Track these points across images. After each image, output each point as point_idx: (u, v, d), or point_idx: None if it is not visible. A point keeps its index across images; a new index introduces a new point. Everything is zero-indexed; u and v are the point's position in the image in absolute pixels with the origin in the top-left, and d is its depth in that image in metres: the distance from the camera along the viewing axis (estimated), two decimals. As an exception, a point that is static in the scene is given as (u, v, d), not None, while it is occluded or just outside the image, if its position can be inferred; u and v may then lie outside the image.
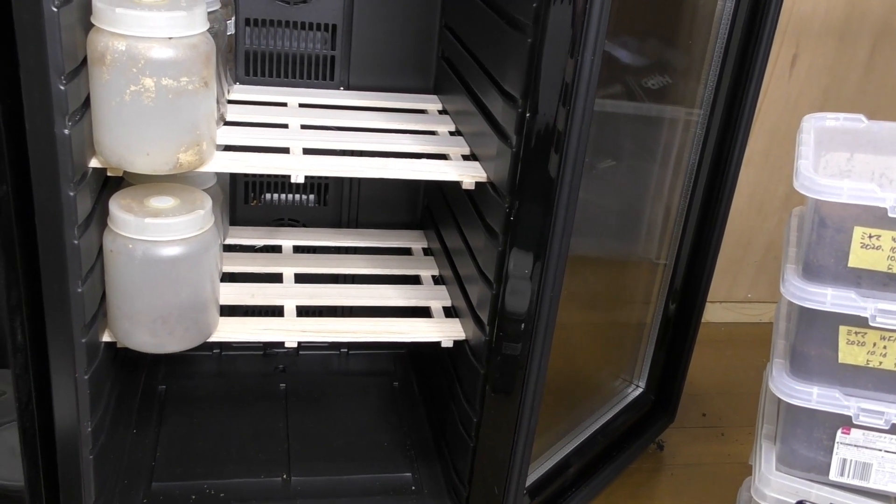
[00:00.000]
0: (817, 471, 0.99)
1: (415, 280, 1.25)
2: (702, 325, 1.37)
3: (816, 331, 0.92)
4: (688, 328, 1.36)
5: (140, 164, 0.88)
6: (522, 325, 0.97)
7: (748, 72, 1.19)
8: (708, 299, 1.35)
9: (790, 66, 1.62)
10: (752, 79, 1.19)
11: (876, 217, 0.85)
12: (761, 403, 1.12)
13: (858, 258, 0.86)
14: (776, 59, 1.60)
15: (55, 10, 0.77)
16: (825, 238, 0.88)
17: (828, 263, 0.88)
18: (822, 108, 1.65)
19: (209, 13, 0.93)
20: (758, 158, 1.68)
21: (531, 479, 1.14)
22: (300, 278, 1.21)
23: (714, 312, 1.80)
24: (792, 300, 0.90)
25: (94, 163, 0.91)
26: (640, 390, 1.43)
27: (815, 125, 0.98)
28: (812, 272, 0.90)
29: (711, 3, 1.20)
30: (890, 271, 0.86)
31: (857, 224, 0.85)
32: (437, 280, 1.25)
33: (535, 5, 0.87)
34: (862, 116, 0.99)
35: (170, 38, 0.84)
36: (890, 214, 0.84)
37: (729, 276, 1.79)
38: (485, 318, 1.02)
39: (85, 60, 0.86)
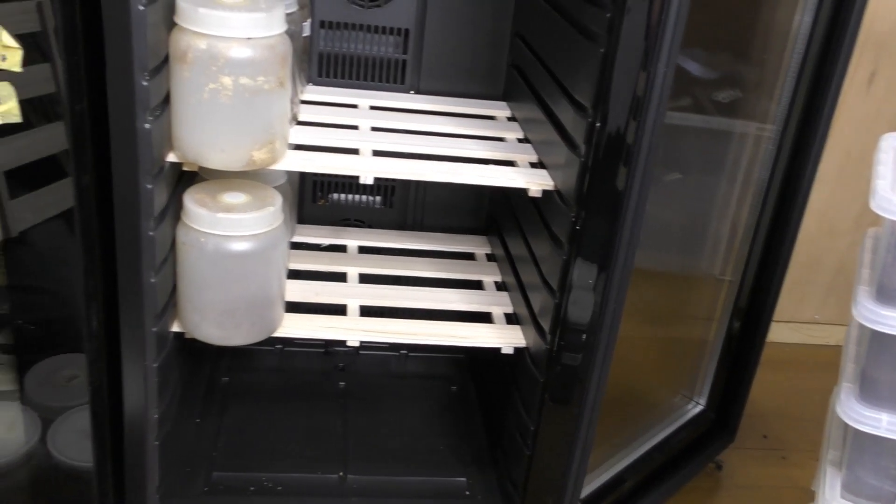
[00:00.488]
0: (883, 500, 0.96)
1: (477, 285, 1.26)
2: (766, 344, 1.35)
3: (888, 355, 0.90)
4: (751, 347, 1.33)
5: (215, 159, 0.91)
6: (584, 336, 0.96)
7: (824, 88, 1.16)
8: (773, 319, 1.32)
9: (868, 83, 1.58)
10: (827, 96, 1.16)
11: (955, 240, 0.83)
12: (827, 428, 1.10)
13: (935, 282, 0.84)
14: (853, 76, 1.57)
15: (142, 8, 0.80)
16: (901, 260, 0.85)
17: (903, 287, 0.86)
18: (901, 127, 1.60)
19: (287, 15, 0.95)
20: (830, 177, 1.65)
21: (586, 491, 1.14)
22: (364, 278, 1.22)
23: (779, 332, 1.77)
24: (864, 323, 0.88)
25: (171, 157, 0.93)
26: (700, 408, 1.41)
27: (894, 145, 0.96)
28: (886, 295, 0.88)
29: (788, 16, 1.18)
30: (968, 296, 0.84)
31: (934, 247, 0.83)
32: (500, 286, 1.25)
33: (608, 15, 0.87)
34: (944, 137, 0.96)
35: (248, 39, 0.87)
36: (970, 238, 0.81)
37: (796, 296, 1.75)
38: (546, 326, 1.01)
39: (167, 58, 0.89)
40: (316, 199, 1.35)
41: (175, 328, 1.02)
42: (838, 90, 1.16)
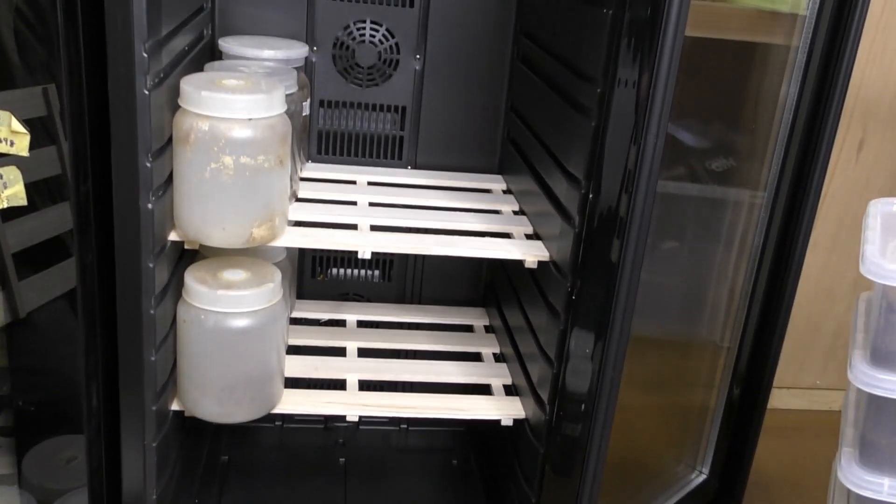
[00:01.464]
0: (891, 566, 0.95)
1: (476, 357, 1.26)
2: (768, 411, 1.34)
3: (887, 419, 0.90)
4: (753, 414, 1.33)
5: (216, 237, 0.92)
6: (583, 406, 0.96)
7: (813, 156, 1.19)
8: (775, 385, 1.32)
9: (857, 150, 1.61)
10: (817, 163, 1.19)
11: (946, 304, 0.83)
12: (830, 493, 1.09)
13: (929, 345, 0.85)
14: (842, 144, 1.60)
15: (147, 92, 0.82)
16: (893, 324, 0.86)
17: (897, 350, 0.87)
18: (891, 193, 1.63)
19: (287, 95, 0.97)
20: (825, 242, 1.66)
21: (591, 564, 1.12)
22: (363, 352, 1.22)
23: (781, 399, 1.76)
24: (860, 387, 0.89)
25: (172, 236, 0.95)
26: (703, 476, 1.40)
27: (882, 210, 0.97)
28: (881, 358, 0.88)
29: (775, 87, 1.21)
30: (962, 359, 0.84)
31: (926, 310, 0.84)
32: (498, 357, 1.26)
33: (599, 90, 0.89)
34: (930, 202, 0.98)
35: (250, 119, 0.89)
36: (960, 301, 0.82)
37: (797, 362, 1.75)
38: (545, 397, 1.02)
39: (170, 139, 0.91)
40: (315, 275, 1.36)
41: (175, 406, 1.02)
42: (827, 158, 1.19)
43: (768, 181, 1.25)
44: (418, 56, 1.26)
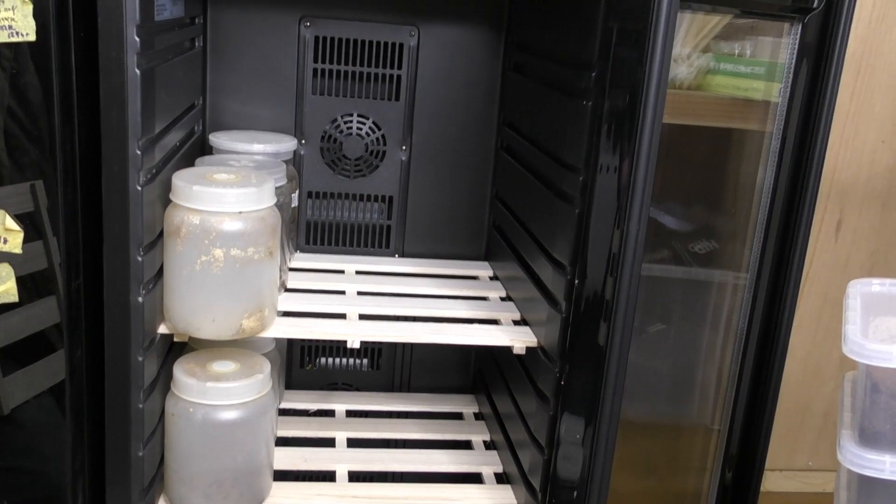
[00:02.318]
0: None
1: (466, 445, 1.25)
2: (762, 494, 1.33)
3: (877, 499, 0.89)
4: (746, 497, 1.31)
5: (206, 329, 0.93)
6: (575, 493, 0.95)
7: (793, 237, 1.21)
8: (767, 467, 1.31)
9: (835, 231, 1.64)
10: (796, 244, 1.21)
11: (930, 382, 0.84)
12: (829, 578, 1.07)
13: (916, 424, 0.85)
14: (821, 225, 1.63)
15: (139, 188, 0.84)
16: (879, 403, 0.87)
17: (884, 430, 0.87)
18: (871, 271, 1.65)
19: (276, 188, 0.99)
20: (810, 323, 1.68)
21: None
22: (352, 442, 1.21)
23: (775, 481, 1.75)
24: (850, 468, 0.89)
25: (162, 329, 0.95)
26: (700, 563, 1.37)
27: (861, 290, 0.99)
28: (869, 438, 0.89)
29: (753, 170, 1.24)
30: (949, 437, 0.85)
31: (911, 389, 0.85)
32: (489, 445, 1.25)
33: (581, 178, 0.92)
34: (908, 282, 1.00)
35: (240, 213, 0.91)
36: (943, 380, 0.83)
37: (788, 444, 1.74)
38: (537, 484, 1.01)
39: (161, 233, 0.92)
40: (303, 364, 1.36)
41: (162, 503, 1.01)
42: (806, 238, 1.21)
43: (750, 262, 1.27)
44: (404, 147, 1.29)
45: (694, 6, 1.03)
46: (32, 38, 0.75)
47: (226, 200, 0.90)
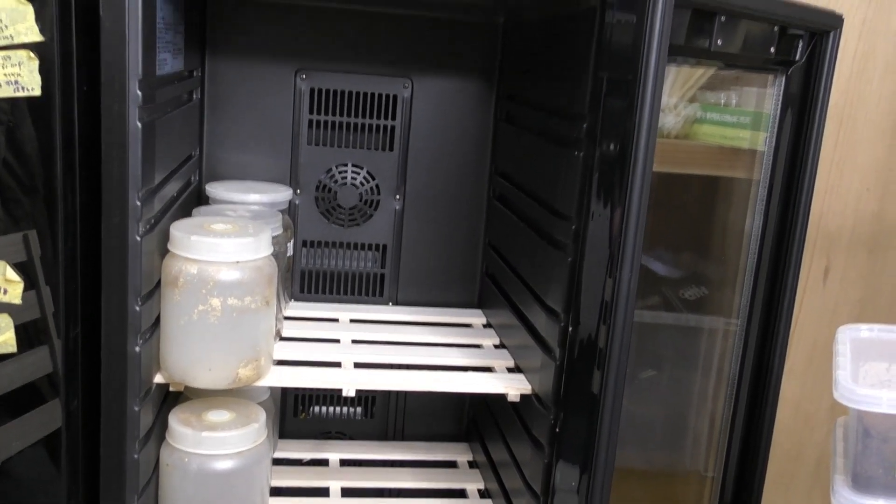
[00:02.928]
0: None
1: (461, 494, 1.25)
2: (757, 541, 1.33)
3: (874, 545, 0.90)
4: (742, 544, 1.31)
5: (202, 379, 0.93)
6: (572, 540, 0.95)
7: (781, 284, 1.23)
8: (761, 513, 1.31)
9: (823, 277, 1.66)
10: (785, 291, 1.22)
11: (921, 426, 0.85)
12: None
13: (908, 468, 0.86)
14: (808, 272, 1.65)
15: (139, 239, 0.85)
16: (871, 448, 0.88)
17: (876, 474, 0.88)
18: (860, 318, 1.67)
19: (272, 237, 1.00)
20: (801, 369, 1.69)
21: None
22: (346, 492, 1.21)
23: (769, 528, 1.74)
24: (845, 513, 0.89)
25: (158, 378, 0.95)
26: None
27: (851, 336, 1.00)
28: (861, 483, 0.89)
29: (741, 218, 1.26)
30: (941, 481, 0.86)
31: (902, 433, 0.86)
32: (483, 494, 1.25)
33: (573, 226, 0.93)
34: (895, 327, 1.01)
35: (237, 262, 0.92)
36: (934, 424, 0.84)
37: (781, 490, 1.74)
38: (533, 532, 1.00)
39: (158, 283, 0.93)
40: (297, 413, 1.36)
41: (156, 554, 1.00)
42: (795, 285, 1.23)
43: (740, 308, 1.29)
44: (398, 196, 1.31)
45: (680, 59, 1.06)
46: (38, 92, 0.77)
47: (223, 250, 0.91)
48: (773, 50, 1.04)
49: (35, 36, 0.75)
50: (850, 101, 1.58)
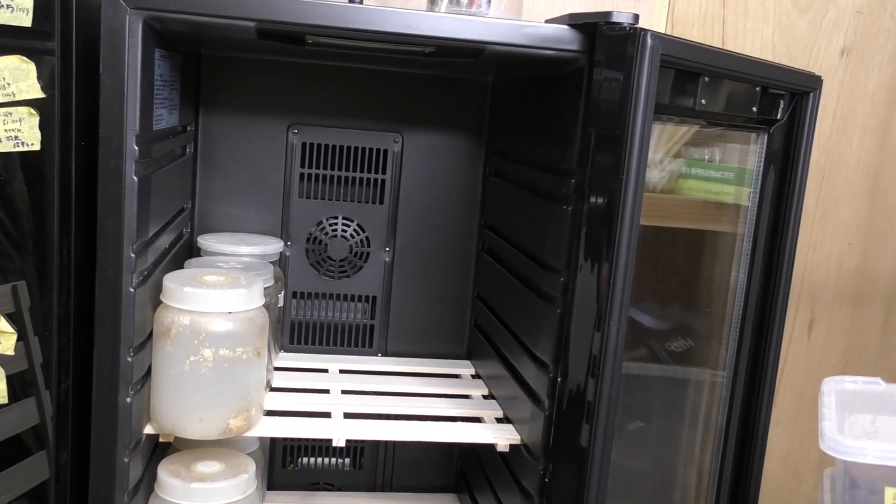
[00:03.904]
0: None
1: (450, 546, 1.25)
2: None
3: None
4: None
5: (193, 429, 0.93)
6: None
7: (767, 337, 1.24)
8: (750, 567, 1.31)
9: (808, 330, 1.68)
10: (770, 343, 1.24)
11: (905, 478, 0.86)
12: None
13: (894, 520, 0.87)
14: (793, 325, 1.67)
15: (132, 290, 0.86)
16: (858, 499, 0.88)
17: (864, 525, 0.88)
18: (845, 370, 1.69)
19: (264, 288, 1.02)
20: (787, 421, 1.70)
21: None
22: (335, 545, 1.20)
23: (759, 582, 1.73)
24: (834, 565, 0.89)
25: (148, 429, 0.95)
26: None
27: (835, 388, 1.02)
28: (850, 535, 0.90)
29: (726, 271, 1.28)
30: (927, 533, 0.86)
31: (888, 485, 0.87)
32: (473, 546, 1.24)
33: (562, 279, 0.95)
34: (879, 380, 1.03)
35: (230, 313, 0.93)
36: (918, 475, 0.85)
37: (771, 542, 1.73)
38: (523, 585, 1.00)
39: (150, 334, 0.94)
40: (285, 464, 1.36)
41: None
42: (780, 338, 1.24)
43: (727, 360, 1.30)
44: (388, 249, 1.32)
45: (664, 118, 1.08)
46: (37, 147, 0.78)
47: (216, 301, 0.92)
48: (755, 109, 1.07)
49: (36, 93, 0.77)
50: (830, 158, 1.62)
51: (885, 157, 1.64)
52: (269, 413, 1.06)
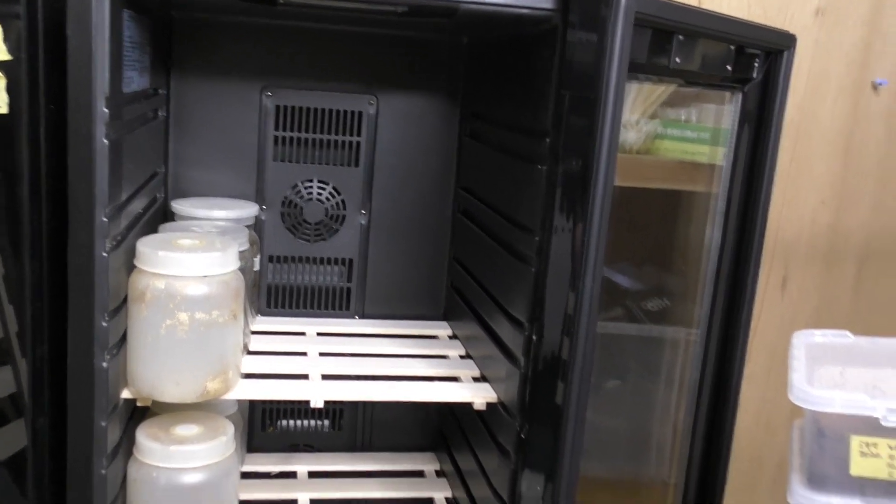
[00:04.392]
0: None
1: (428, 503, 1.26)
2: (720, 546, 1.35)
3: (829, 542, 0.93)
4: (705, 550, 1.33)
5: (170, 393, 0.93)
6: (538, 548, 0.97)
7: (740, 294, 1.26)
8: (723, 519, 1.34)
9: (781, 287, 1.70)
10: (744, 301, 1.25)
11: (870, 426, 0.88)
12: None
13: (859, 467, 0.89)
14: (767, 282, 1.69)
15: (105, 255, 0.85)
16: (825, 448, 0.90)
17: (831, 472, 0.91)
18: (817, 326, 1.70)
19: (239, 252, 1.01)
20: (760, 377, 1.73)
21: None
22: (315, 503, 1.22)
23: (732, 534, 1.77)
24: (801, 513, 0.92)
25: (125, 394, 0.96)
26: None
27: (805, 341, 1.04)
28: (817, 482, 0.92)
29: (701, 230, 1.29)
30: (891, 479, 0.89)
31: (854, 433, 0.89)
32: (451, 502, 1.26)
33: (537, 239, 0.95)
34: (848, 333, 1.05)
35: (205, 277, 0.92)
36: (883, 423, 0.87)
37: (745, 495, 1.77)
38: (500, 540, 1.02)
39: (125, 299, 0.94)
40: (265, 427, 1.36)
41: (124, 570, 1.00)
42: (753, 295, 1.26)
43: (701, 319, 1.31)
44: (364, 211, 1.32)
45: (641, 77, 1.08)
46: (5, 110, 0.77)
47: (191, 265, 0.92)
48: (729, 68, 1.07)
49: (3, 55, 0.76)
50: (805, 117, 1.63)
51: (859, 116, 1.65)
52: (248, 376, 1.06)
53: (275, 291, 1.32)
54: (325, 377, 1.08)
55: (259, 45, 1.25)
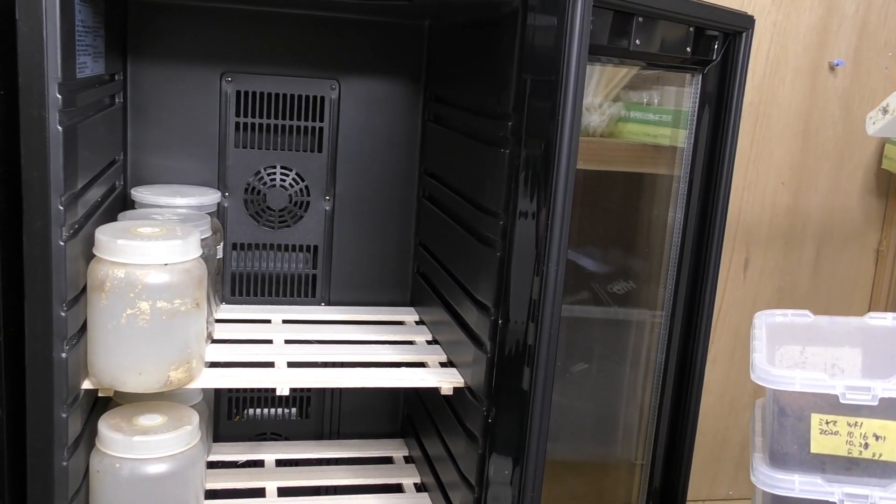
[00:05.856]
0: None
1: (397, 489, 1.26)
2: (685, 524, 1.37)
3: (791, 520, 0.94)
4: (671, 529, 1.35)
5: (132, 383, 0.92)
6: (506, 530, 0.97)
7: (703, 276, 1.27)
8: (690, 498, 1.35)
9: (743, 269, 1.72)
10: (707, 282, 1.26)
11: (830, 404, 0.90)
12: None
13: (819, 444, 0.90)
14: (729, 264, 1.71)
15: (62, 244, 0.84)
16: (786, 426, 0.92)
17: (791, 450, 0.92)
18: (779, 306, 1.74)
19: (201, 240, 1.00)
20: (724, 358, 1.75)
21: None
22: (283, 492, 1.21)
23: (698, 513, 1.80)
24: (762, 488, 0.93)
25: (86, 384, 0.94)
26: None
27: (766, 321, 1.05)
28: (778, 460, 0.93)
29: (664, 213, 1.30)
30: (850, 455, 0.90)
31: (814, 411, 0.90)
32: (420, 487, 1.26)
33: (501, 223, 0.95)
34: (808, 312, 1.06)
35: (165, 265, 0.91)
36: (842, 401, 0.89)
37: (709, 475, 1.80)
38: (468, 524, 1.02)
39: (84, 288, 0.92)
40: (231, 416, 1.35)
41: (88, 562, 0.99)
42: (716, 277, 1.27)
43: (665, 301, 1.32)
44: (328, 197, 1.31)
45: (602, 59, 1.09)
46: (-46, 96, 0.75)
47: (151, 253, 0.90)
48: (689, 49, 1.08)
49: (-50, 39, 0.74)
50: (764, 99, 1.65)
51: (816, 98, 1.67)
52: (212, 365, 1.05)
53: (239, 279, 1.31)
54: (290, 364, 1.08)
55: (218, 30, 1.23)
